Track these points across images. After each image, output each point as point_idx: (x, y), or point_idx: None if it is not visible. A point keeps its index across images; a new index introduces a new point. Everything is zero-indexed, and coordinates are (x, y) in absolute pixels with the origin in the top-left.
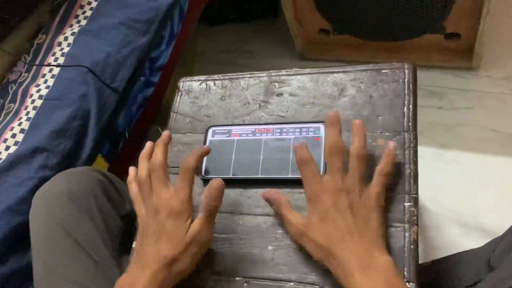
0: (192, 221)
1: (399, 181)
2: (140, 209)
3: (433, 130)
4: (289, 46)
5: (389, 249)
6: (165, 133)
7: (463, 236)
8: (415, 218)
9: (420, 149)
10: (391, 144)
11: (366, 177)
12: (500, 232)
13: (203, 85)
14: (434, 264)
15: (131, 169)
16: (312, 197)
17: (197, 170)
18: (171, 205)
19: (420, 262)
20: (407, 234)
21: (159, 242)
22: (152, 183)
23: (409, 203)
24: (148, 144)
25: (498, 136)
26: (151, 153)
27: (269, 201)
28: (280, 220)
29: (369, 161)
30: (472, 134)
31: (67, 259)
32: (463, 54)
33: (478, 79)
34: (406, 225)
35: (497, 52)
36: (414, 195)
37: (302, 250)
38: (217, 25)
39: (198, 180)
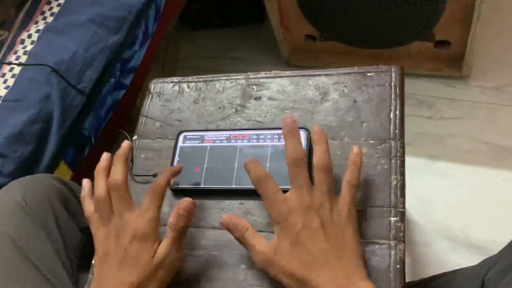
0: (159, 244)
1: (384, 194)
2: (98, 231)
3: (422, 141)
4: (274, 53)
5: (369, 269)
6: (125, 145)
7: (452, 252)
8: (402, 234)
9: (408, 160)
10: (355, 149)
11: (334, 190)
12: (490, 247)
13: (176, 87)
14: (423, 283)
15: (85, 182)
16: (278, 220)
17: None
18: (136, 227)
19: (407, 280)
20: (392, 252)
21: (123, 268)
22: (113, 204)
23: (395, 218)
24: (105, 156)
25: (488, 148)
26: (109, 167)
27: (228, 228)
28: (245, 247)
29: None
30: (462, 145)
31: (16, 278)
32: (453, 62)
33: (468, 88)
34: (392, 242)
35: (488, 61)
36: (400, 209)
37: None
38: (200, 30)
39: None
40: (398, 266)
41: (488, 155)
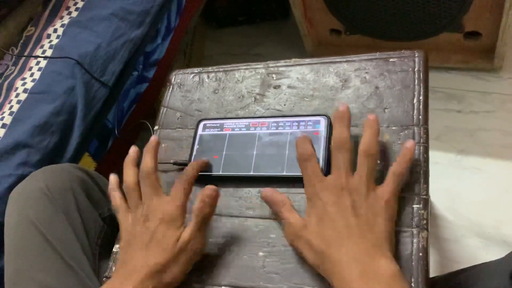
0: (184, 229)
1: (407, 181)
2: (125, 219)
3: (451, 135)
4: (299, 49)
5: (396, 258)
6: (153, 139)
7: (484, 249)
8: (425, 222)
9: (438, 155)
10: (410, 143)
11: (375, 177)
12: None
13: (196, 78)
14: (450, 276)
15: (112, 176)
16: (311, 196)
17: (183, 167)
18: (164, 211)
19: (435, 275)
20: (415, 240)
21: (149, 249)
22: (143, 191)
23: (418, 205)
24: (133, 149)
25: None
26: (137, 159)
27: (268, 201)
28: (280, 221)
29: (383, 160)
30: (493, 140)
31: (38, 262)
32: (483, 54)
33: (500, 81)
34: (415, 230)
35: None
36: (424, 196)
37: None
38: (225, 27)
39: None
40: (420, 254)
41: None
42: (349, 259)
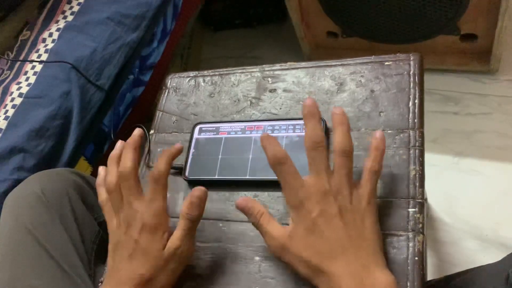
0: (169, 234)
1: (402, 185)
2: (111, 219)
3: (448, 137)
4: (296, 51)
5: (388, 261)
6: (136, 132)
7: (482, 252)
8: (421, 226)
9: (435, 157)
10: (378, 133)
11: (353, 175)
12: None
13: (192, 82)
14: (447, 280)
15: (101, 170)
16: (295, 205)
17: (179, 171)
18: (145, 219)
19: (433, 278)
20: (411, 244)
21: (134, 259)
22: (123, 193)
23: (413, 209)
24: (119, 144)
25: None
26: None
27: (244, 211)
28: (260, 232)
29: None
30: (491, 142)
31: (33, 268)
32: (480, 56)
33: (497, 83)
34: (410, 234)
35: None
36: (419, 200)
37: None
38: (222, 30)
39: (181, 182)
40: (416, 258)
41: None
42: (345, 272)
